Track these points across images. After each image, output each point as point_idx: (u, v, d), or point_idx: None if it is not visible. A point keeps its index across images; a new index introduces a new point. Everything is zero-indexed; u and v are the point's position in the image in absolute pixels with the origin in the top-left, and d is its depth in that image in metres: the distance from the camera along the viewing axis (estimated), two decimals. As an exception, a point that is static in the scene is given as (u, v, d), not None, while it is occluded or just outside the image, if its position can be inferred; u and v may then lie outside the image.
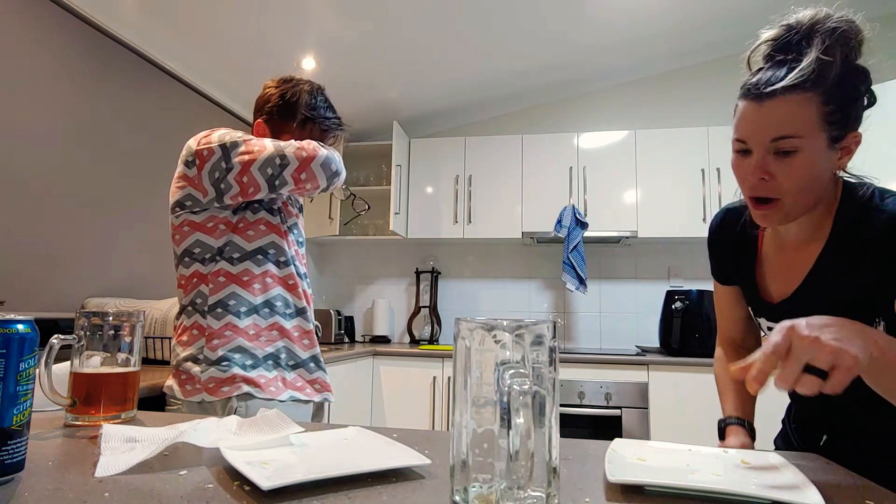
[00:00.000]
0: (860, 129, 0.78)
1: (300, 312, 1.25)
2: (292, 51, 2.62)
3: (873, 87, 0.78)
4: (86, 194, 2.04)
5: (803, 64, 0.73)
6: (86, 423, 0.78)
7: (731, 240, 0.98)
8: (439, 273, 3.62)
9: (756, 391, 0.61)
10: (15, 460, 0.54)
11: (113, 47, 2.19)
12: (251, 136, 1.19)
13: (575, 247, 3.01)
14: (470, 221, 3.29)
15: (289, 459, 0.62)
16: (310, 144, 1.17)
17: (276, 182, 1.14)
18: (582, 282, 3.04)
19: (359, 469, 0.57)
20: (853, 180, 0.83)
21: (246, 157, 1.13)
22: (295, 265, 1.27)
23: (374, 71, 2.95)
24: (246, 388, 1.13)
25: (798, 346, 0.57)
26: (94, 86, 2.09)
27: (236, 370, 1.14)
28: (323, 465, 0.60)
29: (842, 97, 0.74)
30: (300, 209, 1.45)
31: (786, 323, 0.60)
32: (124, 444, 0.65)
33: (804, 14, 0.76)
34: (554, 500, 0.46)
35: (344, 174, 1.23)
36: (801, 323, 0.58)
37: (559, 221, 3.06)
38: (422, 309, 3.57)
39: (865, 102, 0.77)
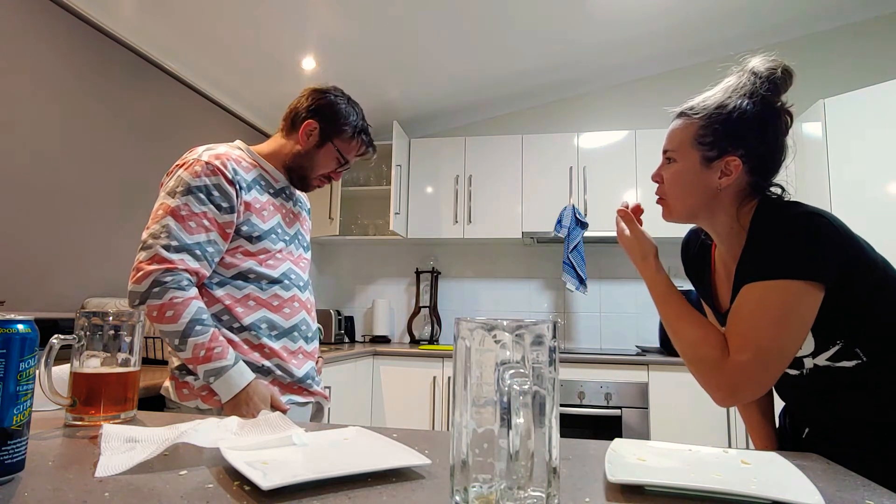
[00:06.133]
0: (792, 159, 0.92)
1: (287, 333, 1.22)
2: (292, 51, 2.62)
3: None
4: (86, 194, 2.04)
5: (696, 98, 0.92)
6: (86, 423, 0.78)
7: (692, 255, 1.13)
8: (439, 273, 3.61)
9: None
10: (15, 460, 0.54)
11: (113, 47, 2.19)
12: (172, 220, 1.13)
13: (575, 247, 3.01)
14: (470, 221, 3.29)
15: (289, 459, 0.62)
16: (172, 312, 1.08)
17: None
18: (582, 282, 3.03)
19: (359, 469, 0.57)
20: (775, 197, 0.92)
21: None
22: (286, 280, 1.24)
23: (374, 71, 2.95)
24: None
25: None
26: (94, 86, 2.09)
27: None
28: (323, 465, 0.60)
29: (716, 129, 0.88)
30: (307, 212, 1.45)
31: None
32: (124, 444, 0.65)
33: (750, 61, 0.90)
34: (554, 500, 0.46)
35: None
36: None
37: (559, 221, 3.06)
38: (422, 309, 3.57)
39: (758, 139, 0.88)
